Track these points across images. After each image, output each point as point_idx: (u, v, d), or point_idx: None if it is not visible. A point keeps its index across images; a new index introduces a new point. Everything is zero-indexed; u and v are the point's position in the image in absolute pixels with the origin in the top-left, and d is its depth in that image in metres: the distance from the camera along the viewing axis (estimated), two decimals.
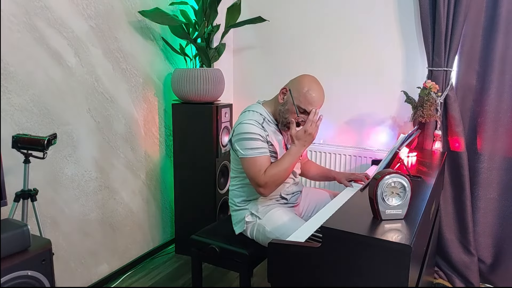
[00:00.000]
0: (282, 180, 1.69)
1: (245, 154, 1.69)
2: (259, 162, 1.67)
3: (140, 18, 2.38)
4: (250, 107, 1.84)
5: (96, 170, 2.20)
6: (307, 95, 1.71)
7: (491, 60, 2.21)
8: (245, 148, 1.68)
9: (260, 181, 1.66)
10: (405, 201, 1.18)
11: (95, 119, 2.17)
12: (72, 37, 2.00)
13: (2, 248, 1.24)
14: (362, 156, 2.58)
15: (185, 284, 2.35)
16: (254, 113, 1.78)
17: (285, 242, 1.26)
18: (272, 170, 1.66)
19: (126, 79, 2.35)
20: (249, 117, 1.74)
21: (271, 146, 1.75)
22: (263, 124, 1.75)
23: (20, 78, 1.79)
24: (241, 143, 1.70)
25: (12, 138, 1.61)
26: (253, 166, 1.67)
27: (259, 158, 1.67)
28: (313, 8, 2.72)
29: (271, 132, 1.78)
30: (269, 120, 1.81)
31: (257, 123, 1.72)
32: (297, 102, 1.72)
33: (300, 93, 1.72)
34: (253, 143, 1.68)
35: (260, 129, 1.72)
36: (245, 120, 1.73)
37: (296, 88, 1.74)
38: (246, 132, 1.69)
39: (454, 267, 2.39)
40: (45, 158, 1.63)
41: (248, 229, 1.81)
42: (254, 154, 1.67)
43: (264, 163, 1.68)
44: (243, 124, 1.71)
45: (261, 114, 1.79)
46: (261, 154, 1.68)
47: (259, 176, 1.66)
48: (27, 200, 1.67)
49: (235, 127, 1.76)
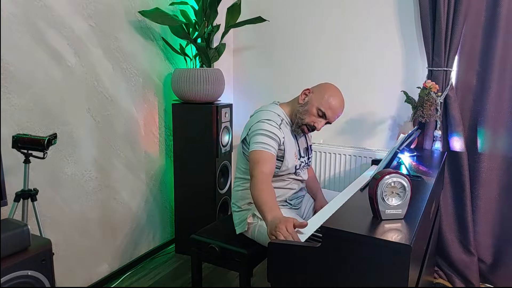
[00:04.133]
0: (251, 192, 1.59)
1: (252, 148, 1.66)
2: (259, 155, 1.62)
3: (140, 18, 2.38)
4: (267, 107, 1.81)
5: (96, 170, 2.21)
6: (330, 100, 1.73)
7: (491, 60, 2.21)
8: (255, 142, 1.65)
9: (252, 171, 1.62)
10: (405, 201, 1.18)
11: (95, 119, 2.17)
12: (72, 37, 2.00)
13: (2, 248, 1.24)
14: (362, 156, 2.59)
15: (185, 284, 2.35)
16: (271, 113, 1.76)
17: (285, 242, 1.26)
18: (261, 184, 1.57)
19: (126, 79, 2.35)
20: (268, 117, 1.72)
21: (281, 150, 1.73)
22: (281, 125, 1.74)
23: (20, 78, 1.79)
24: (255, 137, 1.66)
25: (12, 138, 1.61)
26: (253, 158, 1.63)
27: (262, 152, 1.63)
28: (313, 8, 2.72)
29: (287, 134, 1.77)
30: (287, 122, 1.80)
31: (275, 123, 1.71)
32: (318, 104, 1.73)
33: (323, 97, 1.74)
34: (265, 138, 1.65)
35: (278, 130, 1.70)
36: (263, 118, 1.70)
37: (319, 91, 1.76)
38: (263, 129, 1.67)
39: (454, 267, 2.39)
40: (45, 158, 1.63)
41: (249, 230, 1.81)
42: (258, 148, 1.63)
43: (265, 158, 1.62)
44: (262, 122, 1.69)
45: (279, 115, 1.78)
46: (266, 149, 1.63)
47: (252, 169, 1.62)
48: (27, 200, 1.67)
49: (251, 126, 1.72)
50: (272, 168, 1.65)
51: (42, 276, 1.35)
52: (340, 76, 2.69)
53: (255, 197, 1.56)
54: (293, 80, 2.84)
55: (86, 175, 2.15)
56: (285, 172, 1.78)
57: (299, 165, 1.84)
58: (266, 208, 1.50)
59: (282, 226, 1.33)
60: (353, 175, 2.61)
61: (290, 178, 1.83)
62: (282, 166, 1.75)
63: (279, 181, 1.81)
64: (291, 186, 1.85)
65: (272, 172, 1.65)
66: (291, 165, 1.77)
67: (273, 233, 1.33)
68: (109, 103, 2.25)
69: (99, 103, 2.19)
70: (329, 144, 2.77)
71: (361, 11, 2.57)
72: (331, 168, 2.69)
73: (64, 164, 2.02)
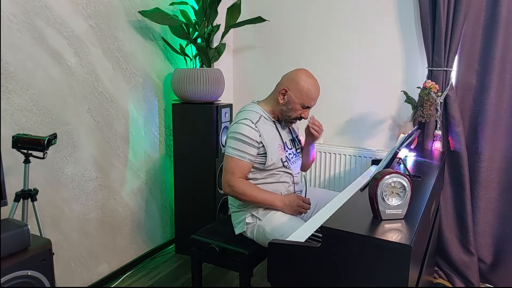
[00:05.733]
0: (241, 198, 1.78)
1: (228, 152, 1.76)
2: (235, 164, 1.74)
3: (140, 18, 2.38)
4: (245, 107, 1.87)
5: (96, 169, 2.21)
6: (309, 93, 1.78)
7: (491, 59, 2.21)
8: (231, 146, 1.75)
9: (229, 181, 1.75)
10: (405, 201, 1.18)
11: (95, 119, 2.17)
12: (72, 37, 2.00)
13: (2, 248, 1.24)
14: (362, 156, 2.59)
15: (185, 284, 2.35)
16: (249, 112, 1.82)
17: (285, 242, 1.26)
18: (247, 186, 1.75)
19: (126, 79, 2.35)
20: (245, 116, 1.79)
21: (261, 148, 1.77)
22: (258, 123, 1.78)
23: (20, 77, 1.79)
24: (230, 141, 1.76)
25: (12, 138, 1.61)
26: (229, 165, 1.75)
27: (238, 161, 1.74)
28: (313, 8, 2.72)
29: (267, 130, 1.81)
30: (266, 117, 1.84)
31: (251, 122, 1.76)
32: (300, 101, 1.78)
33: (301, 92, 1.77)
34: (241, 145, 1.74)
35: (253, 131, 1.75)
36: (240, 120, 1.77)
37: (295, 88, 1.78)
38: (239, 132, 1.74)
39: (454, 266, 2.39)
40: (45, 158, 1.63)
41: (248, 230, 1.82)
42: (235, 155, 1.74)
43: (240, 167, 1.74)
44: (238, 124, 1.76)
45: (257, 112, 1.83)
46: (242, 158, 1.74)
47: (229, 177, 1.75)
48: (27, 200, 1.67)
49: (230, 127, 1.82)
50: (247, 173, 1.79)
51: (42, 276, 1.35)
52: (340, 76, 2.69)
53: (252, 200, 1.75)
54: None
55: (86, 175, 2.15)
56: (272, 166, 1.80)
57: (285, 157, 1.85)
58: (270, 200, 1.74)
59: (299, 202, 1.74)
60: (353, 175, 2.61)
61: (280, 171, 1.84)
62: (266, 162, 1.78)
63: (270, 176, 1.83)
64: (283, 180, 1.86)
65: (246, 175, 1.80)
66: (276, 159, 1.80)
67: (297, 213, 1.74)
68: (109, 103, 2.25)
69: (99, 103, 2.19)
70: (329, 144, 2.77)
71: (361, 11, 2.57)
72: (331, 168, 2.70)
73: (64, 164, 2.02)
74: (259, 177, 1.82)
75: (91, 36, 2.10)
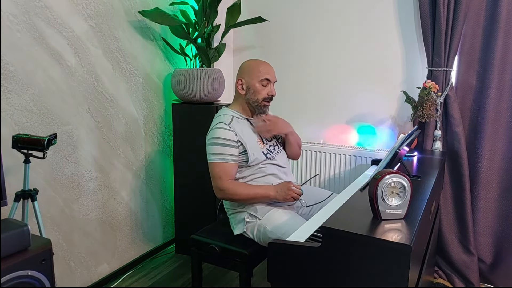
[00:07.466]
0: (235, 199, 1.79)
1: (210, 159, 1.79)
2: (220, 168, 1.76)
3: (140, 18, 2.38)
4: (217, 114, 1.91)
5: (96, 170, 2.21)
6: (259, 67, 1.85)
7: (491, 59, 2.21)
8: (210, 153, 1.79)
9: (219, 186, 1.76)
10: (405, 201, 1.18)
11: (95, 119, 2.17)
12: (72, 37, 2.00)
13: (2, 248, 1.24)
14: (362, 156, 2.59)
15: (185, 284, 2.35)
16: (221, 116, 1.86)
17: (285, 242, 1.26)
18: (238, 186, 1.77)
19: (126, 79, 2.35)
20: (217, 121, 1.83)
21: (241, 146, 1.79)
22: (232, 124, 1.81)
23: (20, 78, 1.79)
24: (210, 148, 1.80)
25: (12, 138, 1.61)
26: (214, 171, 1.77)
27: (222, 164, 1.76)
28: (313, 8, 2.72)
29: (242, 128, 1.83)
30: (238, 117, 1.87)
31: (224, 124, 1.79)
32: (256, 79, 1.83)
33: (253, 70, 1.84)
34: (219, 148, 1.76)
35: (228, 131, 1.78)
36: (214, 126, 1.82)
37: (245, 71, 1.86)
38: (215, 137, 1.78)
39: (454, 266, 2.39)
40: (45, 158, 1.63)
41: (248, 229, 1.81)
42: (217, 160, 1.76)
43: (225, 169, 1.76)
44: (213, 130, 1.81)
45: (228, 114, 1.86)
46: (225, 161, 1.76)
47: (218, 182, 1.76)
48: (27, 200, 1.68)
49: (206, 135, 1.85)
50: (234, 174, 1.81)
51: (42, 276, 1.35)
52: (340, 76, 2.69)
53: (246, 198, 1.76)
54: (292, 80, 2.84)
55: (86, 175, 2.15)
56: (256, 161, 1.81)
57: (267, 149, 1.87)
58: (262, 192, 1.75)
59: (289, 185, 1.72)
60: (353, 175, 2.61)
61: (266, 164, 1.85)
62: (249, 158, 1.80)
63: (257, 171, 1.84)
64: (271, 171, 1.86)
65: (234, 176, 1.81)
66: (257, 153, 1.82)
67: (289, 198, 1.71)
68: (109, 103, 2.25)
69: (99, 103, 2.19)
70: (329, 144, 2.77)
71: (360, 11, 2.57)
72: (331, 168, 2.70)
73: (64, 164, 2.02)
74: (247, 175, 1.83)
75: (91, 36, 2.10)
